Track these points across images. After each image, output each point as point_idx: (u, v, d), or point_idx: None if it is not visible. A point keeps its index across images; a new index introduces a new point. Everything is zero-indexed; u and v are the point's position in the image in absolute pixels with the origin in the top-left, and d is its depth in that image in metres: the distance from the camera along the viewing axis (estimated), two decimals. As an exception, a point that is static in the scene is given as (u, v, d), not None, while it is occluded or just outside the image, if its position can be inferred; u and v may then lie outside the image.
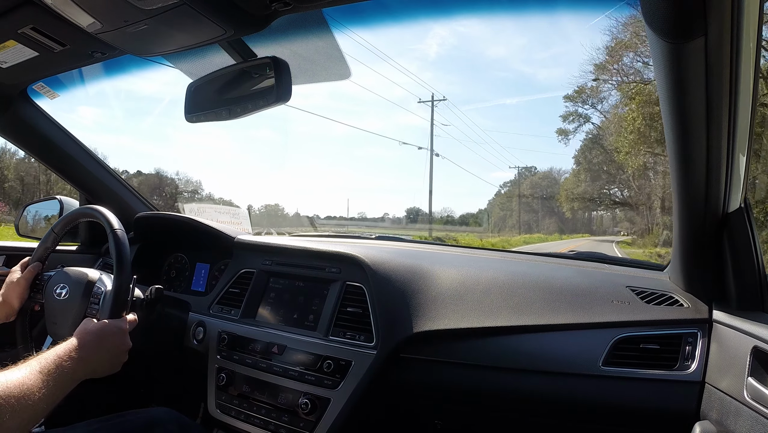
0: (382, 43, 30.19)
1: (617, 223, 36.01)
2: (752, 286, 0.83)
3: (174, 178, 31.21)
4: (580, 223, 38.43)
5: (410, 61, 69.69)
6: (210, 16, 0.80)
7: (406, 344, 1.01)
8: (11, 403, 0.67)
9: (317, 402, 1.01)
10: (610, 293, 1.00)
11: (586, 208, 34.67)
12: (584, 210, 36.02)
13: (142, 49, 0.96)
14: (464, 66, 70.49)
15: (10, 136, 1.44)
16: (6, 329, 1.08)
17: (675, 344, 0.88)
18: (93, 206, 1.09)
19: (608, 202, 31.48)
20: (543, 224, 38.75)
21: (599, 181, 30.91)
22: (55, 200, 1.63)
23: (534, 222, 39.38)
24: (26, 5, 0.90)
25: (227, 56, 0.97)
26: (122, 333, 0.93)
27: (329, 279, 1.17)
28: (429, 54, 71.93)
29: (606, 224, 37.21)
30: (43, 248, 1.13)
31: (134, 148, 51.80)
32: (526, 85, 71.89)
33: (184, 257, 1.56)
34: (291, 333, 1.13)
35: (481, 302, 1.03)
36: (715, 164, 0.72)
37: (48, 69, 1.21)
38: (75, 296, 1.04)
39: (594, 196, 31.40)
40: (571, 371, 0.92)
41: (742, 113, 0.68)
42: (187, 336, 1.27)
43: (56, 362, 0.77)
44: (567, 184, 34.30)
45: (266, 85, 0.93)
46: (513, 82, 66.05)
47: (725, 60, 0.60)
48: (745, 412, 0.70)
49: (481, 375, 0.99)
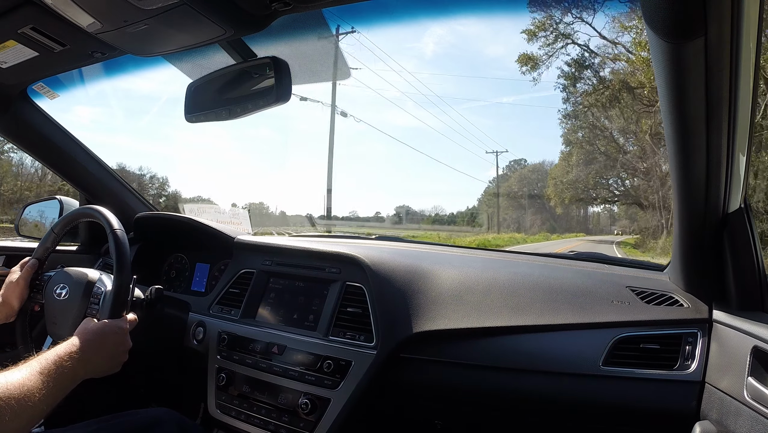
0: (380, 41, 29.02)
1: (615, 221, 31.97)
2: (752, 286, 0.83)
3: (138, 174, 27.80)
4: (575, 221, 33.51)
5: (408, 59, 69.48)
6: (210, 16, 0.80)
7: (406, 344, 1.01)
8: (11, 404, 0.67)
9: (317, 402, 1.01)
10: (610, 293, 1.00)
11: (581, 203, 28.30)
12: (578, 205, 29.54)
13: (142, 49, 0.96)
14: (463, 64, 70.26)
15: (10, 136, 1.44)
16: (6, 330, 1.08)
17: (675, 344, 0.88)
18: (93, 206, 1.09)
19: (606, 194, 25.29)
20: (531, 222, 33.58)
21: (595, 165, 24.28)
22: (55, 200, 1.63)
23: (524, 220, 34.08)
24: (26, 5, 0.90)
25: (227, 56, 0.97)
26: (122, 333, 0.93)
27: (329, 279, 1.17)
28: (426, 53, 71.80)
29: (603, 222, 32.70)
30: (43, 247, 1.12)
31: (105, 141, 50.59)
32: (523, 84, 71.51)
33: (184, 257, 1.56)
34: (291, 333, 1.13)
35: (481, 302, 1.03)
36: (715, 164, 0.72)
37: (48, 69, 1.21)
38: (75, 296, 1.04)
39: (589, 185, 25.14)
40: (571, 371, 0.92)
41: (742, 113, 0.68)
42: (187, 336, 1.27)
43: (56, 362, 0.77)
44: (555, 172, 27.58)
45: (266, 85, 0.93)
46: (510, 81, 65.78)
47: (725, 60, 0.60)
48: (745, 412, 0.70)
49: (481, 375, 0.99)
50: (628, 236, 26.89)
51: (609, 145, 23.21)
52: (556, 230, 30.52)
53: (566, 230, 31.65)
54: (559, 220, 32.41)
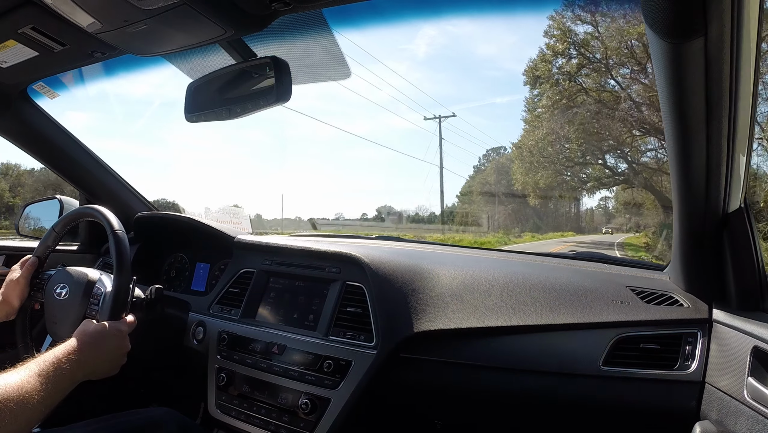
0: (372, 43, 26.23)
1: (611, 219, 24.13)
2: (752, 286, 0.83)
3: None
4: (564, 218, 26.09)
5: (401, 60, 69.06)
6: (210, 16, 0.80)
7: (407, 344, 1.01)
8: (10, 406, 0.67)
9: (317, 402, 1.01)
10: (610, 293, 1.00)
11: (565, 189, 18.80)
12: (567, 196, 20.13)
13: (142, 49, 0.96)
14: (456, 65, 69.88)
15: (10, 136, 1.44)
16: (6, 329, 1.08)
17: (675, 344, 0.88)
18: (94, 206, 1.09)
19: (600, 172, 16.49)
20: (503, 217, 25.61)
21: (577, 120, 15.15)
22: (55, 200, 1.63)
23: (509, 217, 25.78)
24: (26, 5, 0.90)
25: (227, 56, 0.97)
26: (121, 336, 0.93)
27: (329, 279, 1.17)
28: (418, 54, 71.52)
29: (599, 220, 25.95)
30: (43, 246, 1.13)
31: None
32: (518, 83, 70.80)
33: (184, 257, 1.56)
34: (291, 333, 1.13)
35: (482, 302, 1.03)
36: (715, 164, 0.72)
37: (48, 69, 1.21)
38: (75, 296, 1.04)
39: (572, 158, 16.46)
40: (571, 371, 0.92)
41: (742, 113, 0.68)
42: (187, 336, 1.27)
43: (55, 364, 0.77)
44: (523, 141, 18.52)
45: (266, 85, 0.94)
46: (504, 81, 65.18)
47: (725, 60, 0.60)
48: (745, 412, 0.70)
49: (481, 375, 0.99)
50: (627, 235, 20.98)
51: (597, 81, 13.92)
52: (541, 229, 23.04)
53: (554, 228, 24.17)
54: (546, 217, 24.40)
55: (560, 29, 14.98)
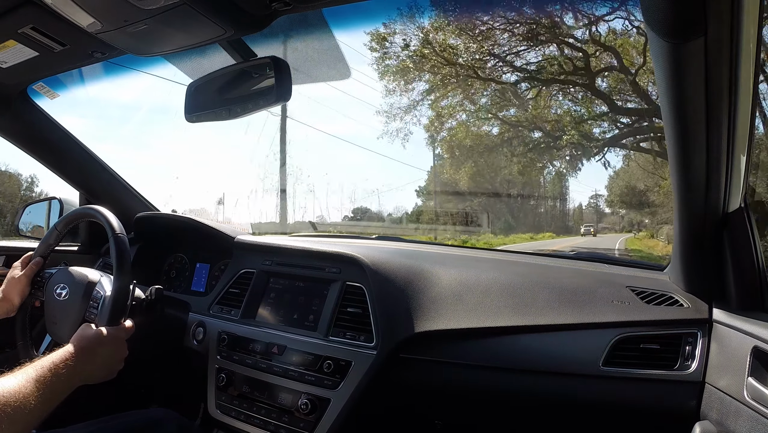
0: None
1: (601, 218, 19.20)
2: (752, 286, 0.83)
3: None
4: (548, 216, 19.48)
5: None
6: (210, 16, 0.80)
7: (407, 344, 1.01)
8: (8, 411, 0.67)
9: (317, 402, 1.01)
10: (610, 293, 0.99)
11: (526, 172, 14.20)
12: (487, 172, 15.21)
13: (142, 49, 0.96)
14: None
15: (10, 136, 1.44)
16: (5, 329, 1.08)
17: (675, 344, 0.88)
18: (95, 207, 1.09)
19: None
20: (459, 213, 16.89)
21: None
22: (55, 200, 1.63)
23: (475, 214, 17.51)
24: (26, 5, 0.90)
25: (227, 56, 0.97)
26: (119, 342, 0.93)
27: (329, 279, 1.17)
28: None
29: (588, 218, 19.42)
30: (45, 245, 1.12)
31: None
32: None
33: (184, 257, 1.56)
34: (291, 333, 1.13)
35: (482, 302, 1.03)
36: (715, 164, 0.72)
37: (48, 69, 1.21)
38: (75, 298, 1.04)
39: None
40: (571, 371, 0.92)
41: (742, 113, 0.68)
42: (187, 336, 1.27)
43: (52, 369, 0.78)
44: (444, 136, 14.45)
45: (266, 85, 0.94)
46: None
47: (725, 60, 0.60)
48: (745, 412, 0.70)
49: (481, 375, 0.99)
50: (622, 236, 17.02)
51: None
52: (514, 229, 17.24)
53: (534, 229, 18.14)
54: (523, 215, 18.70)
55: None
